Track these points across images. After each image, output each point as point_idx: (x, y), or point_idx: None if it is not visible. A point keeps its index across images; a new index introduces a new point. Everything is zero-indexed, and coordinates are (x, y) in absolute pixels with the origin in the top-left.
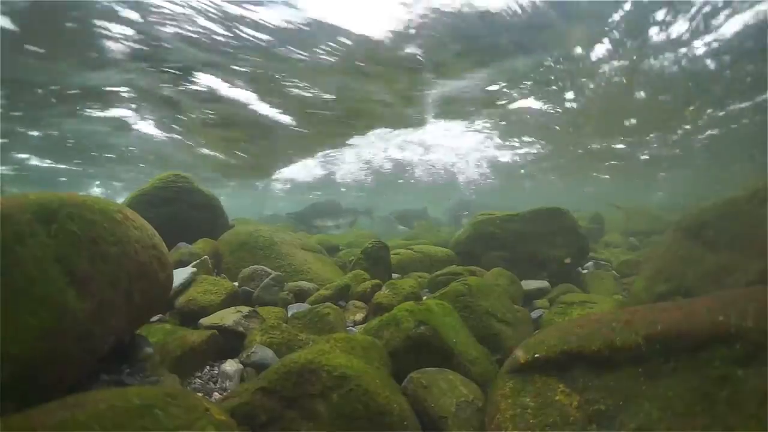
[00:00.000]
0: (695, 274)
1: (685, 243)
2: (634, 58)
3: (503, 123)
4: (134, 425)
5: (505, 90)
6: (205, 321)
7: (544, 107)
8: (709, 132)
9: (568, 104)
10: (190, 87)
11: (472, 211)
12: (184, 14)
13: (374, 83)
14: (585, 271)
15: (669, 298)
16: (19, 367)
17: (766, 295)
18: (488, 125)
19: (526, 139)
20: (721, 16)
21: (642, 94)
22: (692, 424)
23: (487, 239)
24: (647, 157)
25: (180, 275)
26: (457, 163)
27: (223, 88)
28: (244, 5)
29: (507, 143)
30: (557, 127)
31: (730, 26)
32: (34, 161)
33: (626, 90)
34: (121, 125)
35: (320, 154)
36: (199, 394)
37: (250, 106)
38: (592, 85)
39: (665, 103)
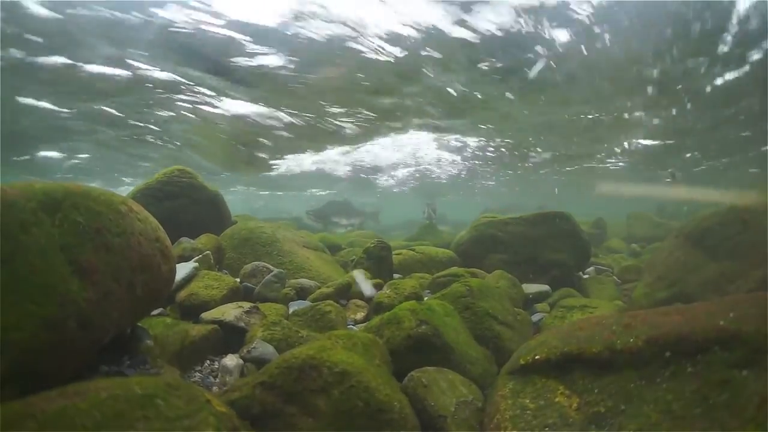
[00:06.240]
0: (696, 281)
1: (687, 250)
2: None
3: None
4: (135, 414)
5: None
6: (206, 315)
7: None
8: None
9: None
10: None
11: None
12: None
13: None
14: (586, 276)
15: (669, 304)
16: (21, 354)
17: (766, 301)
18: None
19: None
20: None
21: None
22: (691, 427)
23: (488, 242)
24: None
25: (182, 270)
26: None
27: None
28: None
29: None
30: None
31: None
32: None
33: None
34: None
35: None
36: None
37: None
38: None
39: None
